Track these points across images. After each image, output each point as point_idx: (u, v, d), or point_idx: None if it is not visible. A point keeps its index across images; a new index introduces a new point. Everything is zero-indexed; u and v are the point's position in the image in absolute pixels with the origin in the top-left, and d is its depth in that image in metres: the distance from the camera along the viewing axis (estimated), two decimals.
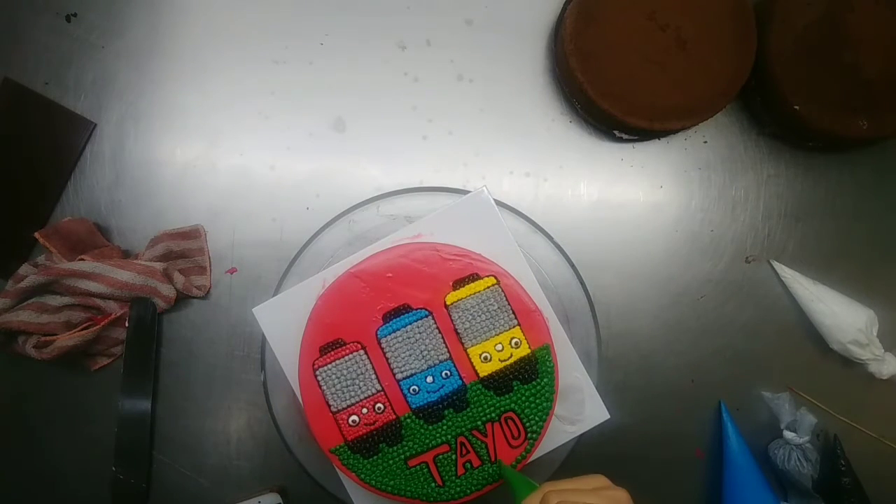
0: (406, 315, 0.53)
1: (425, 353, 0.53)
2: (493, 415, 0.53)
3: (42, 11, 0.63)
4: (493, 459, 0.53)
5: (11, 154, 0.62)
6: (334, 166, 0.63)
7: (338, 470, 0.54)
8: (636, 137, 0.63)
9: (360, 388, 0.53)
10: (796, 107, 0.58)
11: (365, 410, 0.53)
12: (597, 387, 0.57)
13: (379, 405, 0.53)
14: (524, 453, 0.53)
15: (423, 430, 0.53)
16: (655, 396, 0.64)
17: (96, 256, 0.59)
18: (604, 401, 0.57)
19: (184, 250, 0.62)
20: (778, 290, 0.65)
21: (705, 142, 0.65)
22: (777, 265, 0.64)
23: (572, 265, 0.60)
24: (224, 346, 0.63)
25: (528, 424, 0.53)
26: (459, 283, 0.53)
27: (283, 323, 0.55)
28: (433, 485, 0.52)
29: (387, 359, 0.53)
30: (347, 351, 0.53)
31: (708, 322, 0.64)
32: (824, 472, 0.62)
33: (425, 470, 0.52)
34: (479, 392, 0.53)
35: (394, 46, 0.64)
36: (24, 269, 0.60)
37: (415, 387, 0.53)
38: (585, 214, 0.64)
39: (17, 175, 0.62)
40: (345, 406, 0.52)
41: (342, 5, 0.64)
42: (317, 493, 0.58)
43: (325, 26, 0.63)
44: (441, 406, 0.53)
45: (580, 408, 0.57)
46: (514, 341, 0.53)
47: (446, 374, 0.53)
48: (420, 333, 0.53)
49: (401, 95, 0.63)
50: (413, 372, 0.53)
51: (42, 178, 0.62)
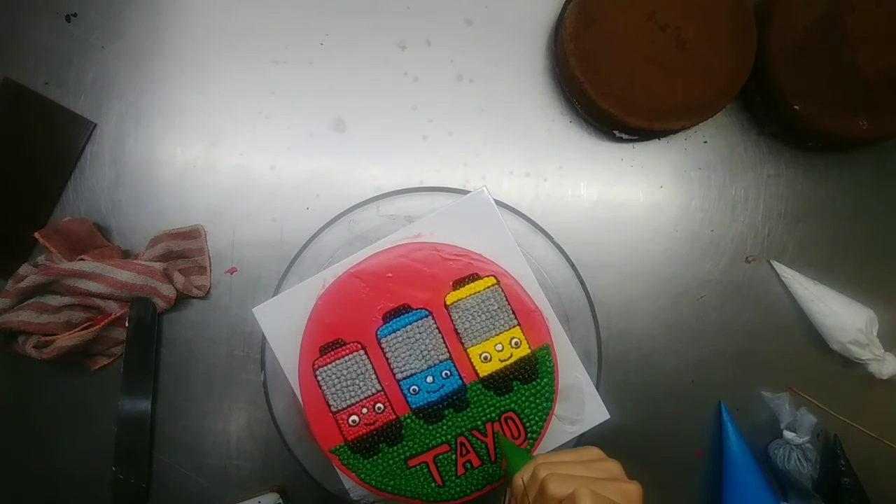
0: (406, 315, 0.53)
1: (425, 353, 0.53)
2: (493, 415, 0.53)
3: (42, 11, 0.63)
4: (494, 459, 0.53)
5: (11, 154, 0.62)
6: (334, 166, 0.63)
7: (338, 470, 0.54)
8: (636, 137, 0.63)
9: (360, 388, 0.53)
10: (796, 107, 0.58)
11: (365, 410, 0.53)
12: (597, 387, 0.57)
13: (379, 405, 0.53)
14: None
15: (423, 430, 0.53)
16: (655, 396, 0.64)
17: (96, 256, 0.59)
18: (604, 401, 0.57)
19: (184, 250, 0.62)
20: (778, 290, 0.65)
21: (705, 142, 0.65)
22: (777, 265, 0.64)
23: (572, 265, 0.60)
24: (224, 346, 0.63)
25: (528, 424, 0.53)
26: (459, 283, 0.53)
27: (283, 323, 0.55)
28: (433, 485, 0.52)
29: (387, 359, 0.53)
30: (347, 351, 0.53)
31: (708, 322, 0.64)
32: (824, 472, 0.62)
33: (425, 470, 0.52)
34: (479, 392, 0.53)
35: (394, 46, 0.64)
36: (24, 269, 0.60)
37: (415, 387, 0.53)
38: (585, 214, 0.64)
39: (17, 175, 0.62)
40: (345, 406, 0.52)
41: (342, 5, 0.64)
42: (317, 493, 0.58)
43: (325, 26, 0.63)
44: (441, 406, 0.53)
45: (580, 408, 0.57)
46: (514, 341, 0.53)
47: (446, 374, 0.53)
48: (420, 333, 0.53)
49: (401, 95, 0.63)
50: (413, 372, 0.53)
51: (42, 178, 0.62)
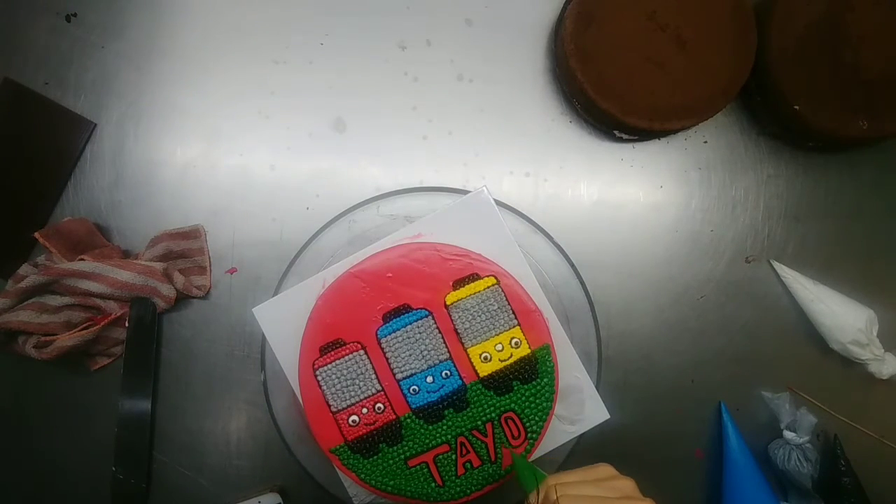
0: (406, 315, 0.53)
1: (425, 353, 0.53)
2: (493, 415, 0.53)
3: (42, 11, 0.62)
4: (494, 459, 0.53)
5: (11, 154, 0.62)
6: (334, 166, 0.63)
7: (338, 470, 0.54)
8: (636, 137, 0.63)
9: (360, 388, 0.53)
10: (796, 107, 0.58)
11: (365, 410, 0.53)
12: (597, 387, 0.57)
13: (379, 405, 0.53)
14: (524, 453, 0.53)
15: (423, 430, 0.53)
16: (655, 396, 0.64)
17: (96, 256, 0.59)
18: (604, 401, 0.57)
19: (184, 250, 0.62)
20: (778, 290, 0.65)
21: (705, 142, 0.65)
22: (777, 265, 0.64)
23: (572, 265, 0.60)
24: (224, 346, 0.63)
25: (528, 424, 0.53)
26: (459, 283, 0.53)
27: (283, 323, 0.55)
28: (433, 485, 0.52)
29: (387, 359, 0.53)
30: (347, 351, 0.53)
31: (708, 322, 0.64)
32: (824, 472, 0.62)
33: (425, 470, 0.52)
34: (479, 392, 0.53)
35: (394, 46, 0.64)
36: (24, 269, 0.60)
37: (415, 387, 0.53)
38: (585, 214, 0.64)
39: (17, 175, 0.62)
40: (345, 406, 0.52)
41: (342, 5, 0.64)
42: (317, 493, 0.58)
43: (325, 26, 0.63)
44: (441, 406, 0.53)
45: (580, 408, 0.57)
46: (514, 341, 0.53)
47: (446, 374, 0.53)
48: (420, 333, 0.53)
49: (401, 95, 0.63)
50: (413, 372, 0.53)
51: (42, 178, 0.62)
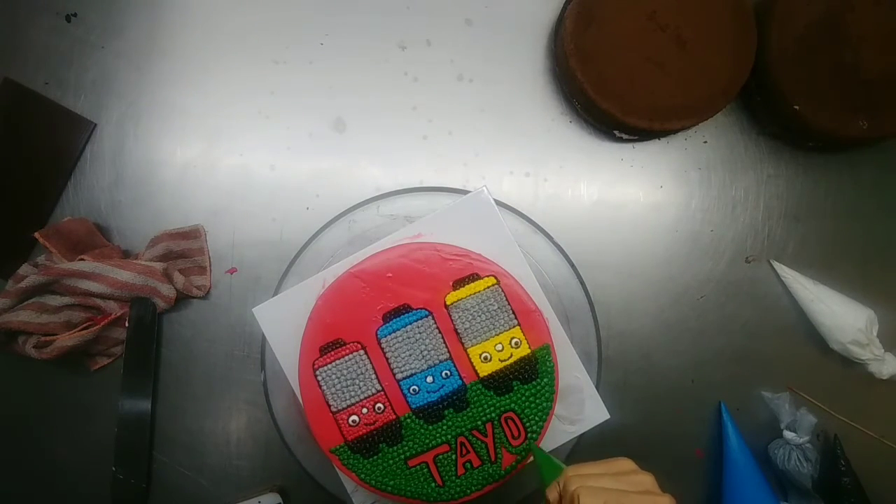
0: (406, 315, 0.53)
1: (425, 353, 0.53)
2: (493, 415, 0.53)
3: (42, 11, 0.63)
4: (494, 459, 0.53)
5: (11, 154, 0.62)
6: (334, 166, 0.63)
7: (338, 470, 0.54)
8: (636, 137, 0.63)
9: (360, 388, 0.53)
10: (796, 107, 0.58)
11: (365, 410, 0.53)
12: (597, 387, 0.57)
13: (379, 405, 0.53)
14: (524, 453, 0.53)
15: (423, 430, 0.53)
16: (655, 396, 0.64)
17: (96, 256, 0.59)
18: (604, 401, 0.57)
19: (184, 250, 0.62)
20: (778, 290, 0.65)
21: (705, 142, 0.65)
22: (777, 265, 0.64)
23: (572, 265, 0.60)
24: (224, 346, 0.63)
25: (528, 424, 0.53)
26: (459, 283, 0.53)
27: (283, 323, 0.55)
28: (433, 485, 0.52)
29: (387, 359, 0.53)
30: (347, 351, 0.53)
31: (708, 322, 0.64)
32: (824, 472, 0.62)
33: (425, 470, 0.52)
34: (479, 392, 0.53)
35: (394, 46, 0.64)
36: (24, 269, 0.60)
37: (415, 387, 0.53)
38: (585, 214, 0.64)
39: (17, 175, 0.62)
40: (345, 406, 0.52)
41: (342, 5, 0.64)
42: (317, 493, 0.58)
43: (325, 26, 0.63)
44: (441, 406, 0.53)
45: (580, 408, 0.57)
46: (514, 341, 0.53)
47: (446, 374, 0.53)
48: (420, 333, 0.53)
49: (401, 95, 0.63)
50: (413, 372, 0.53)
51: (42, 178, 0.62)
